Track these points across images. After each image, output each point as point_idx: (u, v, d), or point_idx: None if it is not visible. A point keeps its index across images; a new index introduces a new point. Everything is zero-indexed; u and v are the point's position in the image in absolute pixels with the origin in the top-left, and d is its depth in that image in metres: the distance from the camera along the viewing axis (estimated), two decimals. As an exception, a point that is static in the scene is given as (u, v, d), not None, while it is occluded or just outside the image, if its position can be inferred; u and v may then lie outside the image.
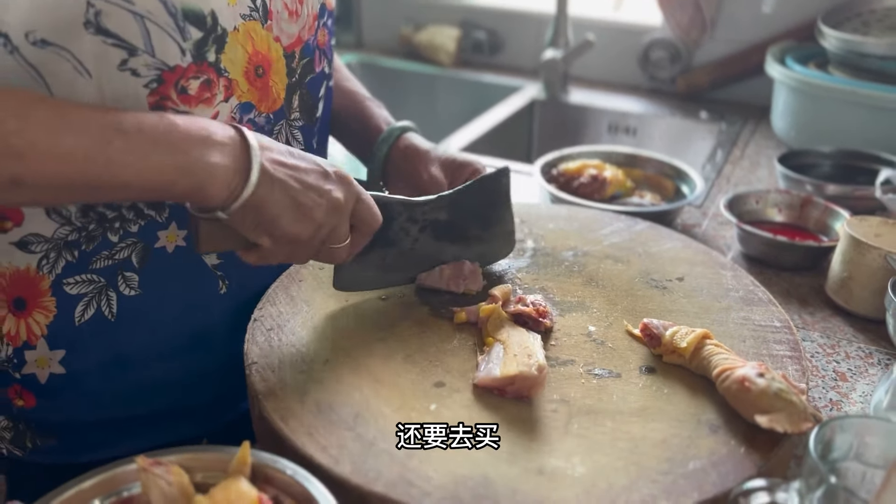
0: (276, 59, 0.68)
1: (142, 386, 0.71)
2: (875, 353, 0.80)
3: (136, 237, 0.65)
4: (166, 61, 0.59)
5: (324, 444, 0.56)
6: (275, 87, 0.68)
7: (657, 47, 1.65)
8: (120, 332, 0.67)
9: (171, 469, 0.50)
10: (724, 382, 0.61)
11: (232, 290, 0.72)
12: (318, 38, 0.73)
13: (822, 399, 0.73)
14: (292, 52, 0.69)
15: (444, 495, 0.52)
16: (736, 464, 0.55)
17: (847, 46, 1.25)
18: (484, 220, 0.77)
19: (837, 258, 0.87)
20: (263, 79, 0.67)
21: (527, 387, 0.61)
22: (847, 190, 1.06)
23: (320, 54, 0.74)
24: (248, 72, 0.65)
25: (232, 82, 0.64)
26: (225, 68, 0.63)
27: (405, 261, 0.74)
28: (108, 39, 0.56)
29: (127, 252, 0.65)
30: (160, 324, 0.69)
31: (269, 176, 0.58)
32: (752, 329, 0.71)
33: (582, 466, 0.55)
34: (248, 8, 0.63)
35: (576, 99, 1.67)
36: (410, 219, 0.72)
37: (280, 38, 0.68)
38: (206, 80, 0.62)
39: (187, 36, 0.59)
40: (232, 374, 0.74)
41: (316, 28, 0.72)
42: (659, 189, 1.14)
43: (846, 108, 1.23)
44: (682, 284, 0.78)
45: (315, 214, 0.60)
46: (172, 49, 0.59)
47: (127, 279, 0.66)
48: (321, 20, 0.73)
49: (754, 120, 1.52)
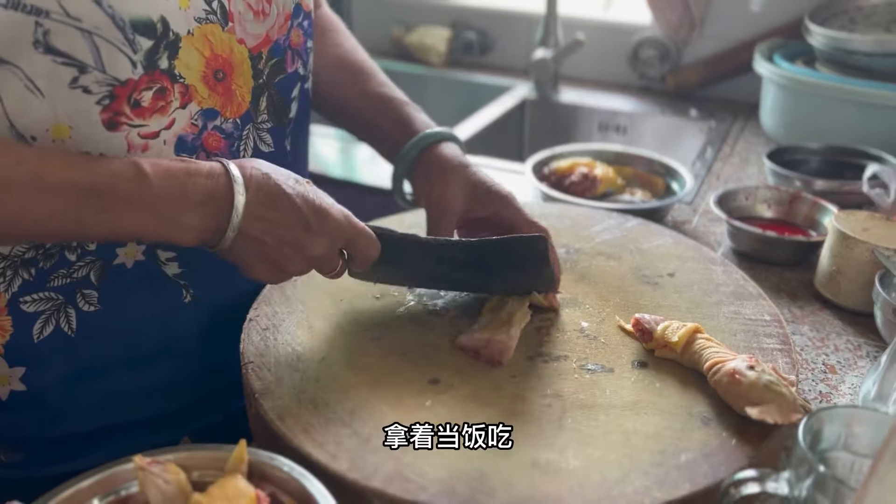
0: (239, 61, 0.66)
1: (108, 397, 0.70)
2: (863, 345, 0.81)
3: (94, 255, 0.64)
4: (117, 76, 0.58)
5: (320, 441, 0.56)
6: (239, 90, 0.67)
7: (647, 46, 1.66)
8: (81, 347, 0.67)
9: (169, 468, 0.50)
10: (715, 375, 0.61)
11: (198, 297, 0.71)
12: (292, 39, 0.72)
13: (811, 391, 0.73)
14: (259, 54, 0.68)
15: (440, 489, 0.52)
16: (727, 455, 0.56)
17: (834, 43, 1.26)
18: (517, 272, 0.71)
19: (826, 253, 0.88)
20: (225, 83, 0.65)
21: (497, 351, 0.65)
22: (835, 185, 1.07)
23: (293, 55, 0.72)
24: (207, 76, 0.64)
25: (189, 88, 0.62)
26: (180, 74, 0.61)
27: (421, 278, 0.74)
28: (58, 58, 0.56)
29: (85, 270, 0.64)
30: (123, 336, 0.68)
31: (244, 234, 0.59)
32: (742, 323, 0.72)
33: (575, 460, 0.55)
34: (203, 11, 0.62)
35: (566, 98, 1.68)
36: (425, 253, 0.70)
37: (245, 40, 0.66)
38: (160, 89, 0.60)
39: (137, 47, 0.58)
40: (204, 380, 0.74)
41: (289, 28, 0.71)
42: (649, 186, 1.14)
43: (834, 105, 1.25)
44: (674, 280, 0.79)
45: (288, 267, 0.62)
46: (123, 63, 0.58)
47: (85, 296, 0.65)
48: (295, 20, 0.71)
49: (743, 117, 1.53)
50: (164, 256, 0.67)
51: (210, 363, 0.74)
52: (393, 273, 0.72)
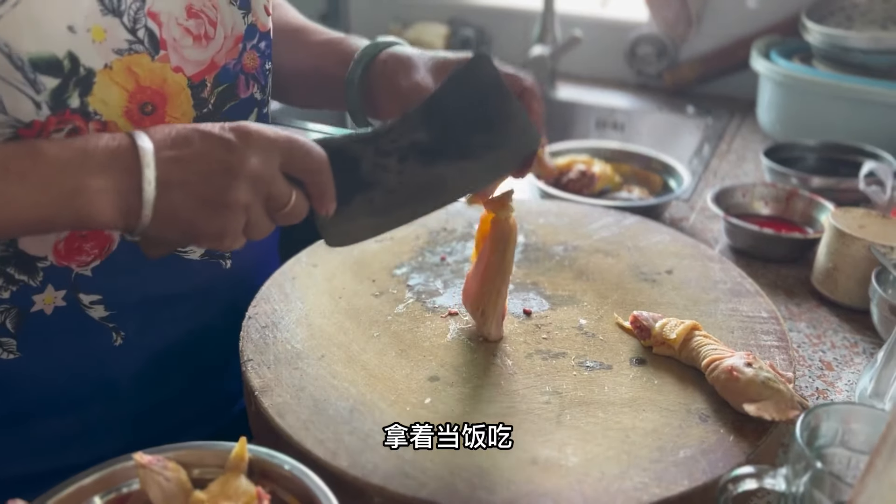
0: (175, 91, 0.62)
1: (42, 442, 0.67)
2: (860, 342, 0.81)
3: (8, 303, 0.61)
4: (20, 118, 0.54)
5: (320, 439, 0.56)
6: (175, 122, 0.62)
7: (644, 43, 1.66)
8: (5, 394, 0.64)
9: (169, 465, 0.50)
10: (712, 372, 0.62)
11: (130, 340, 0.67)
12: (245, 63, 0.66)
13: (808, 388, 0.74)
14: (202, 81, 0.63)
15: (439, 486, 0.53)
16: (725, 452, 0.56)
17: (830, 41, 1.26)
18: (484, 122, 0.61)
19: (823, 250, 0.88)
20: (155, 116, 0.61)
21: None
22: (831, 182, 1.07)
23: (248, 80, 0.67)
24: (131, 111, 0.59)
25: (107, 125, 0.58)
26: (95, 111, 0.57)
27: (399, 198, 0.61)
28: None
29: (0, 318, 0.62)
30: (49, 382, 0.65)
31: (165, 184, 0.51)
32: (739, 320, 0.72)
33: (575, 456, 0.56)
34: (125, 42, 0.58)
35: (563, 95, 1.68)
36: (380, 153, 0.60)
37: (183, 68, 0.62)
38: (73, 129, 0.56)
39: (40, 87, 0.54)
40: (143, 421, 0.71)
41: (240, 52, 0.66)
42: (647, 184, 1.15)
43: (830, 102, 1.25)
44: (671, 277, 0.79)
45: (232, 199, 0.52)
46: (25, 105, 0.54)
47: (3, 344, 0.62)
48: (248, 42, 0.66)
49: (740, 114, 1.54)
50: (88, 300, 0.64)
51: (149, 403, 0.71)
52: (365, 209, 0.61)
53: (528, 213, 0.92)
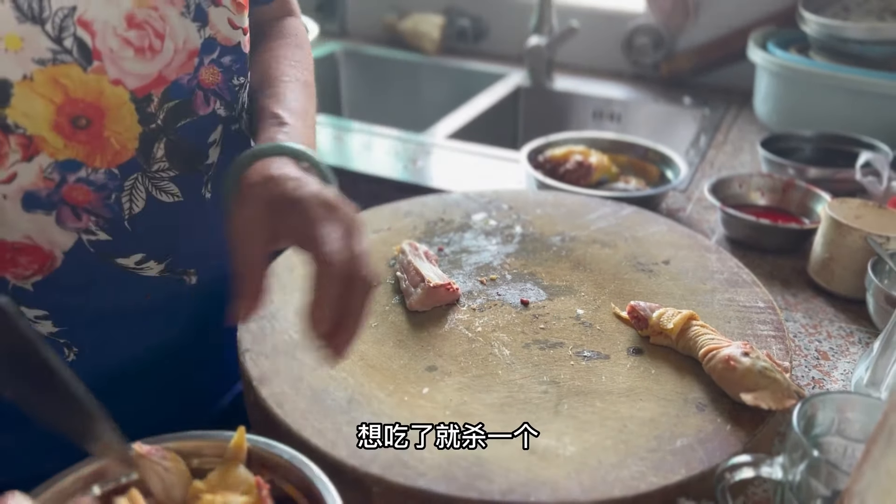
0: (114, 105, 0.57)
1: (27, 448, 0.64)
2: (856, 332, 0.81)
3: None
4: None
5: (319, 428, 0.57)
6: (115, 137, 0.58)
7: (640, 33, 1.66)
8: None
9: (169, 455, 0.51)
10: (710, 362, 0.62)
11: (84, 357, 0.64)
12: (202, 78, 0.62)
13: (804, 377, 0.74)
14: (148, 96, 0.59)
15: (438, 475, 0.53)
16: (722, 441, 0.57)
17: (827, 31, 1.26)
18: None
19: (819, 240, 0.88)
20: (91, 130, 0.57)
21: None
22: (828, 173, 1.08)
23: (207, 95, 0.63)
24: (60, 125, 0.55)
25: (33, 139, 0.55)
26: (16, 124, 0.54)
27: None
28: None
29: None
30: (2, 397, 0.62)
31: None
32: (736, 310, 0.73)
33: (573, 446, 0.56)
34: (48, 52, 0.53)
35: (560, 86, 1.67)
36: None
37: (123, 81, 0.57)
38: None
39: None
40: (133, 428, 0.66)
41: (196, 66, 0.61)
42: (644, 174, 1.15)
43: (827, 93, 1.25)
44: (668, 267, 0.80)
45: None
46: None
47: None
48: (205, 57, 0.62)
49: (737, 105, 1.54)
50: (32, 314, 0.61)
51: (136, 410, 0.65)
52: None
53: (525, 204, 0.92)
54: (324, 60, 1.83)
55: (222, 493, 0.49)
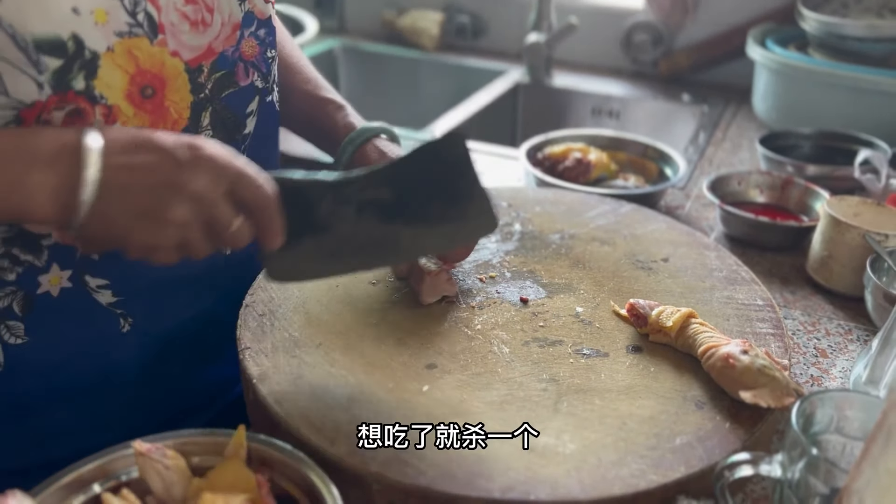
0: (173, 75, 0.62)
1: (41, 433, 0.67)
2: (854, 329, 0.82)
3: (14, 285, 0.61)
4: (22, 99, 0.54)
5: (319, 426, 0.57)
6: (174, 106, 0.62)
7: (639, 30, 1.65)
8: (11, 381, 0.63)
9: (168, 453, 0.51)
10: (709, 360, 0.62)
11: (137, 326, 0.67)
12: (243, 50, 0.67)
13: (803, 375, 0.74)
14: (199, 66, 0.63)
15: (438, 473, 0.53)
16: (721, 438, 0.57)
17: (826, 28, 1.26)
18: (446, 196, 0.62)
19: (818, 238, 0.89)
20: (155, 99, 0.61)
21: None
22: (826, 170, 1.08)
23: (247, 67, 0.68)
24: (132, 94, 0.59)
25: (112, 108, 0.58)
26: (101, 94, 0.57)
27: (350, 247, 0.62)
28: None
29: (6, 301, 0.61)
30: (56, 369, 0.65)
31: (106, 187, 0.50)
32: (735, 308, 0.73)
33: (572, 443, 0.56)
34: (126, 25, 0.58)
35: (559, 83, 1.67)
36: (339, 201, 0.60)
37: (180, 52, 0.62)
38: (75, 111, 0.56)
39: (43, 68, 0.54)
40: (146, 411, 0.71)
41: (238, 39, 0.66)
42: (643, 171, 1.15)
43: (826, 90, 1.25)
44: (667, 265, 0.80)
45: (168, 215, 0.52)
46: (27, 85, 0.54)
47: (10, 328, 0.62)
48: (245, 30, 0.66)
49: (736, 102, 1.54)
50: (95, 284, 0.63)
51: (152, 390, 0.71)
52: (314, 251, 0.61)
53: (524, 202, 0.92)
54: (322, 57, 1.82)
55: (222, 490, 0.49)
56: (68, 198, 0.50)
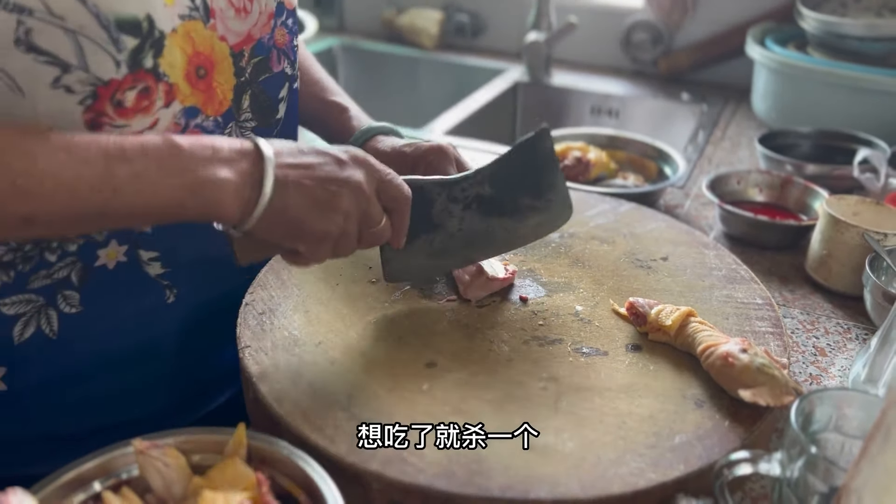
0: (220, 58, 0.65)
1: (88, 400, 0.69)
2: (853, 328, 0.82)
3: (74, 256, 0.63)
4: (101, 76, 0.56)
5: (319, 425, 0.57)
6: (220, 88, 0.66)
7: (639, 29, 1.66)
8: (63, 350, 0.65)
9: (169, 451, 0.51)
10: (708, 359, 0.62)
11: (181, 298, 0.70)
12: (276, 38, 0.71)
13: (802, 373, 0.74)
14: (241, 51, 0.67)
15: (437, 472, 0.53)
16: (721, 437, 0.57)
17: (825, 28, 1.26)
18: (534, 188, 0.71)
19: (817, 237, 0.89)
20: (206, 80, 0.64)
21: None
22: (826, 169, 1.08)
23: (279, 54, 0.71)
24: (189, 74, 0.62)
25: (172, 87, 0.61)
26: (164, 73, 0.60)
27: (455, 243, 0.70)
28: (40, 57, 0.54)
29: (66, 271, 0.63)
30: (105, 338, 0.67)
31: (282, 182, 0.57)
32: (734, 306, 0.73)
33: (571, 442, 0.56)
34: (187, 8, 0.61)
35: (559, 81, 1.67)
36: (451, 199, 0.68)
37: (226, 37, 0.65)
38: (144, 89, 0.59)
39: (122, 46, 0.57)
40: (181, 383, 0.74)
41: (272, 27, 0.70)
42: (642, 170, 1.15)
43: (825, 89, 1.25)
44: (667, 264, 0.80)
45: (338, 205, 0.59)
46: (106, 63, 0.56)
47: (67, 297, 0.64)
48: (278, 19, 0.70)
49: (735, 101, 1.54)
50: (147, 256, 0.66)
51: (188, 367, 0.73)
52: (425, 249, 0.69)
53: (523, 200, 0.92)
54: (322, 56, 1.83)
55: (222, 488, 0.49)
56: (250, 194, 0.56)
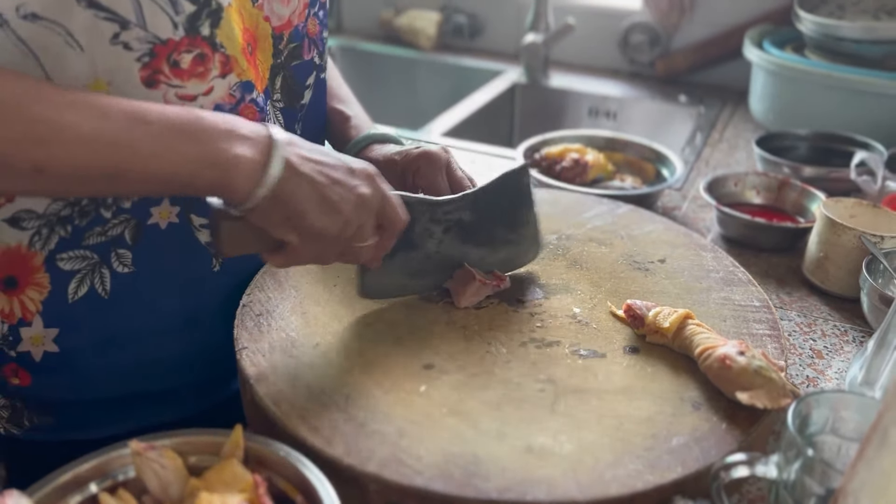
0: (263, 37, 0.68)
1: (136, 365, 0.71)
2: (850, 330, 0.82)
3: (128, 213, 0.65)
4: (158, 35, 0.58)
5: (316, 426, 0.57)
6: (260, 65, 0.68)
7: (637, 31, 1.66)
8: (113, 311, 0.68)
9: (165, 453, 0.51)
10: (705, 361, 0.62)
11: (225, 267, 0.72)
12: (308, 27, 0.74)
13: (799, 376, 0.75)
14: (281, 34, 0.70)
15: (435, 473, 0.53)
16: (718, 439, 0.57)
17: (823, 30, 1.27)
18: (509, 221, 0.74)
19: (814, 239, 0.89)
20: (253, 57, 0.67)
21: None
22: (823, 172, 1.08)
23: (310, 43, 0.74)
24: (244, 49, 0.65)
25: (230, 59, 0.63)
26: (221, 44, 0.62)
27: (431, 266, 0.72)
28: (100, 13, 0.56)
29: (120, 228, 0.66)
30: (154, 301, 0.69)
31: (295, 169, 0.57)
32: (732, 309, 0.73)
33: (569, 444, 0.56)
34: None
35: (556, 83, 1.67)
36: (433, 219, 0.70)
37: (270, 19, 0.68)
38: (200, 55, 0.61)
39: (180, 9, 0.59)
40: (223, 353, 0.74)
41: (306, 16, 0.73)
42: (640, 172, 1.15)
43: (822, 91, 1.25)
44: (664, 266, 0.80)
45: (342, 208, 0.59)
46: (164, 22, 0.58)
47: (120, 256, 0.66)
48: (311, 9, 0.74)
49: (732, 103, 1.54)
50: (198, 222, 0.68)
51: (230, 340, 0.74)
52: (401, 268, 0.70)
53: (521, 202, 0.92)
54: (320, 56, 1.82)
55: (219, 490, 0.49)
56: (262, 174, 0.56)
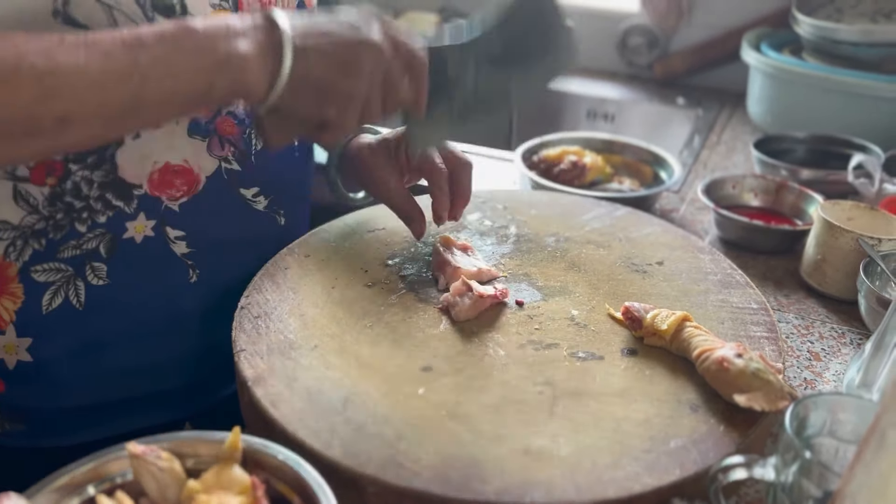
0: None
1: (113, 373, 0.72)
2: (847, 333, 0.82)
3: (103, 227, 0.66)
4: None
5: (314, 429, 0.57)
6: None
7: (635, 33, 1.66)
8: (88, 321, 0.68)
9: (163, 455, 0.50)
10: (703, 363, 0.62)
11: (203, 278, 0.72)
12: None
13: (797, 378, 0.75)
14: None
15: (433, 476, 0.53)
16: (716, 441, 0.57)
17: (820, 33, 1.27)
18: (538, 36, 0.74)
19: (811, 241, 0.89)
20: None
21: None
22: (821, 174, 1.08)
23: None
24: None
25: None
26: None
27: (475, 104, 0.71)
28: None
29: (94, 242, 0.66)
30: (129, 312, 0.70)
31: (302, 48, 0.56)
32: (730, 311, 0.73)
33: (567, 446, 0.56)
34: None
35: (554, 85, 1.67)
36: (463, 58, 0.69)
37: None
38: None
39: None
40: (205, 360, 0.76)
41: None
42: (638, 175, 1.15)
43: (820, 94, 1.26)
44: (662, 268, 0.80)
45: (361, 65, 0.59)
46: None
47: (95, 269, 0.67)
48: None
49: (730, 106, 1.54)
50: (173, 235, 0.69)
51: (211, 343, 0.76)
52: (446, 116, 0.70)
53: (519, 204, 0.92)
54: (318, 58, 1.82)
55: (217, 493, 0.49)
56: (273, 64, 0.56)
